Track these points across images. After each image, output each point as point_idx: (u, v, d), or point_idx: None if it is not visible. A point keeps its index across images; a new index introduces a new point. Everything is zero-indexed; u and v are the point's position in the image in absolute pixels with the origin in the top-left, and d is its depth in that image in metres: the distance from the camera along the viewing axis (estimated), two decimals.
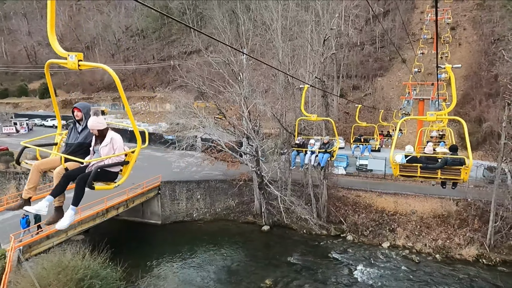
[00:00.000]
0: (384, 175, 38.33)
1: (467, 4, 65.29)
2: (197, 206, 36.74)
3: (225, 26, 33.57)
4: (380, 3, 70.64)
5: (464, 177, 8.57)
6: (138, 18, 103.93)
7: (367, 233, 31.95)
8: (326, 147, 13.16)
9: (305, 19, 38.65)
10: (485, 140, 43.13)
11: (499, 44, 52.22)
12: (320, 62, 31.08)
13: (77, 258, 18.71)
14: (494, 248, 28.00)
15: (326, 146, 13.18)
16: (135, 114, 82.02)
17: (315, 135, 39.53)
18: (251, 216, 36.03)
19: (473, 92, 50.33)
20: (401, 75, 59.13)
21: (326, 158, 12.77)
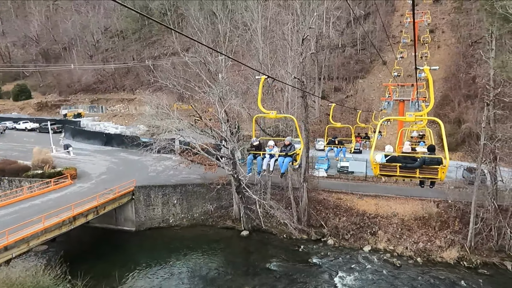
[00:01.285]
0: (365, 176, 37.88)
1: (445, 7, 66.16)
2: (174, 211, 35.33)
3: (201, 24, 32.46)
4: (361, 6, 70.88)
5: (441, 177, 8.71)
6: (118, 18, 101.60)
7: (348, 236, 31.25)
8: (287, 149, 11.25)
9: (286, 19, 37.96)
10: (464, 141, 43.29)
11: (477, 47, 52.84)
12: (299, 62, 30.29)
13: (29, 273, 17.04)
14: (474, 250, 27.69)
15: (287, 149, 11.29)
16: (113, 116, 79.82)
17: (296, 137, 38.89)
18: (230, 221, 34.87)
19: (452, 94, 50.69)
20: (382, 77, 59.24)
21: (287, 163, 10.89)
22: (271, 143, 11.33)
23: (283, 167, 10.91)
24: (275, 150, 11.08)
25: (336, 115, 56.13)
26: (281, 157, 10.83)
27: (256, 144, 11.43)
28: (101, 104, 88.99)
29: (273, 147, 11.18)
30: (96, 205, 29.03)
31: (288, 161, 10.90)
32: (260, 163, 11.12)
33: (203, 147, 29.91)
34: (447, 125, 44.63)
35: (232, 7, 60.79)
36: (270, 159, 11.01)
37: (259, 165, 11.08)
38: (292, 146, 11.30)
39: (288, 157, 10.81)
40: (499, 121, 29.69)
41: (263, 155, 11.05)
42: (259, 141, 11.56)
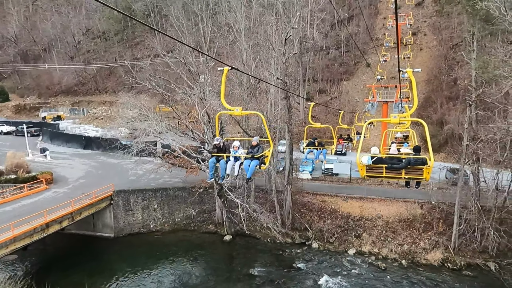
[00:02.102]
0: (350, 178, 37.57)
1: (427, 10, 66.95)
2: (154, 216, 34.24)
3: (181, 24, 31.62)
4: (345, 8, 71.22)
5: (426, 177, 8.79)
6: (100, 19, 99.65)
7: (333, 239, 30.77)
8: (254, 151, 10.10)
9: (269, 20, 37.49)
10: (446, 142, 43.51)
11: (458, 49, 53.50)
12: (282, 63, 29.78)
13: None
14: (459, 252, 27.56)
15: (254, 150, 10.14)
16: (94, 119, 77.83)
17: (281, 139, 38.31)
18: (213, 226, 33.99)
19: (435, 96, 51.12)
20: (366, 78, 59.41)
21: (253, 167, 9.64)
22: (236, 143, 10.17)
23: (249, 171, 9.65)
24: (241, 152, 9.96)
25: (321, 116, 55.94)
26: (247, 160, 9.67)
27: (218, 144, 10.27)
28: (83, 106, 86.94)
29: (238, 148, 10.04)
30: (72, 211, 27.76)
31: (255, 165, 9.67)
32: (224, 166, 9.88)
33: (184, 150, 28.99)
34: (430, 127, 44.21)
35: (215, 8, 60.18)
36: (235, 162, 9.81)
37: (222, 169, 9.89)
38: (260, 147, 10.23)
39: (255, 159, 9.65)
40: (481, 122, 29.81)
41: (227, 157, 9.86)
42: (222, 142, 10.34)
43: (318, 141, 17.65)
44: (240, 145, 10.22)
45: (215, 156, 9.99)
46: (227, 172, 9.87)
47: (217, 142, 10.15)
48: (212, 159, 10.03)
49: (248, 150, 10.30)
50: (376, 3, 71.80)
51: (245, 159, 9.73)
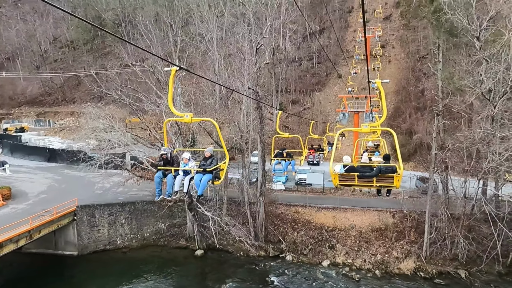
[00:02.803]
0: (323, 188, 37.46)
1: (394, 24, 69.22)
2: (122, 231, 32.59)
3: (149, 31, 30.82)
4: (316, 21, 72.56)
5: (396, 184, 8.96)
6: (68, 28, 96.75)
7: (307, 251, 30.29)
8: (207, 164, 9.02)
9: (241, 29, 37.33)
10: (416, 151, 44.52)
11: (424, 61, 55.35)
12: (254, 72, 29.48)
13: None
14: (430, 260, 27.73)
15: (207, 163, 9.06)
16: (61, 130, 74.63)
17: (254, 149, 37.71)
18: (184, 240, 32.73)
19: (403, 106, 52.46)
20: (337, 89, 60.33)
21: (205, 182, 8.60)
22: (185, 155, 9.09)
23: (200, 187, 8.58)
24: (191, 165, 8.92)
25: (294, 127, 56.15)
26: (199, 174, 8.66)
27: (165, 156, 9.06)
28: (48, 117, 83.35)
29: (188, 160, 8.97)
30: (29, 228, 25.85)
31: (207, 179, 8.61)
32: (171, 182, 8.71)
33: (152, 162, 27.85)
34: (399, 136, 45.53)
35: (187, 18, 59.66)
36: (184, 177, 8.70)
37: (169, 185, 8.72)
38: (213, 160, 9.13)
39: (207, 173, 8.63)
40: (448, 131, 30.52)
41: (175, 171, 8.71)
42: (170, 153, 9.11)
43: (286, 152, 16.94)
44: (190, 157, 9.17)
45: (162, 170, 8.87)
46: (175, 189, 8.73)
47: (164, 153, 9.04)
48: (158, 173, 8.87)
49: (200, 162, 9.20)
50: (346, 16, 73.62)
51: (196, 173, 8.72)
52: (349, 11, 73.82)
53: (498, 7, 24.37)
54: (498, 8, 24.50)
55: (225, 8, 44.86)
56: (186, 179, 8.76)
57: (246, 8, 31.93)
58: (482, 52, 24.77)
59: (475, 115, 29.17)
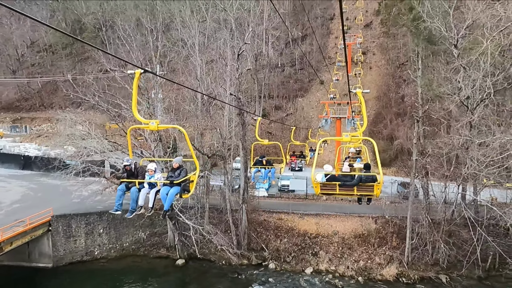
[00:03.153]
0: (306, 195, 37.32)
1: (374, 31, 70.41)
2: (100, 241, 31.53)
3: (129, 36, 30.17)
4: (299, 28, 73.09)
5: (376, 193, 9.18)
6: (46, 32, 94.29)
7: (290, 259, 29.99)
8: (175, 175, 8.28)
9: (222, 35, 37.04)
10: (397, 157, 45.03)
11: (404, 68, 56.36)
12: (236, 78, 29.18)
13: None
14: (412, 266, 27.86)
15: (175, 175, 8.31)
16: (38, 137, 72.35)
17: (236, 156, 37.26)
18: (165, 249, 31.91)
19: (384, 112, 53.14)
20: (320, 95, 60.68)
21: (172, 196, 7.85)
22: (151, 166, 8.35)
23: (166, 201, 7.85)
24: (158, 177, 8.22)
25: (277, 133, 56.10)
26: (166, 187, 7.94)
27: (129, 167, 8.29)
28: (25, 123, 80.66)
29: (154, 172, 8.25)
30: (0, 240, 24.64)
31: (175, 193, 7.93)
32: (135, 196, 7.95)
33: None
34: (380, 142, 46.30)
35: (169, 23, 59.03)
36: (150, 190, 7.99)
37: (132, 199, 7.99)
38: (182, 171, 8.41)
39: (175, 186, 7.93)
40: (428, 137, 30.91)
41: (140, 184, 7.99)
42: (135, 164, 8.37)
43: (266, 159, 16.42)
44: (157, 168, 8.43)
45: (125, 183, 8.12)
46: (140, 203, 8.02)
47: (127, 164, 8.31)
48: (121, 186, 8.14)
49: (168, 174, 8.49)
50: (328, 23, 74.45)
51: (163, 186, 8.01)
52: (331, 18, 74.71)
53: (474, 16, 24.94)
54: (475, 17, 25.09)
55: (207, 14, 44.53)
56: (152, 192, 8.07)
57: (228, 13, 31.68)
58: (460, 60, 25.26)
59: (453, 122, 29.68)
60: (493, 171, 18.70)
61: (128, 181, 8.18)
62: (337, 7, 73.76)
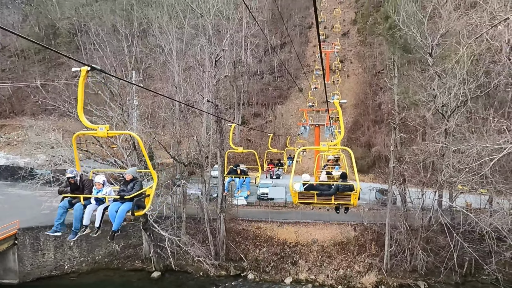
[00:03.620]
0: (285, 203, 36.92)
1: (352, 40, 71.58)
2: (70, 255, 30.03)
3: (103, 40, 29.23)
4: (277, 35, 73.46)
5: (354, 202, 9.26)
6: (18, 37, 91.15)
7: (269, 269, 29.42)
8: (127, 189, 7.22)
9: (199, 41, 36.55)
10: (374, 164, 45.41)
11: (380, 76, 57.34)
12: (213, 85, 28.67)
13: None
14: (391, 273, 27.83)
15: (128, 188, 7.24)
16: (7, 145, 69.29)
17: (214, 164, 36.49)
18: (140, 262, 30.71)
19: (362, 119, 53.74)
20: (299, 103, 60.86)
21: (123, 213, 6.80)
22: (99, 179, 7.14)
23: (116, 220, 6.80)
24: (106, 191, 7.16)
25: (256, 140, 55.73)
26: (116, 203, 6.91)
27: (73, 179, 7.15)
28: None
29: (103, 185, 7.18)
30: None
31: (126, 210, 6.82)
32: (79, 214, 6.80)
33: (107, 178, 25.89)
34: (358, 149, 46.67)
35: (147, 29, 58.03)
36: (97, 207, 6.91)
37: (76, 218, 6.78)
38: (136, 184, 7.31)
39: (127, 201, 6.90)
40: (405, 144, 31.24)
41: (86, 200, 6.87)
42: (80, 175, 7.24)
43: (240, 168, 15.64)
44: (106, 181, 7.30)
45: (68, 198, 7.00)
46: (84, 223, 6.85)
47: (71, 176, 7.19)
48: (63, 202, 7.02)
49: (120, 188, 7.42)
50: (307, 31, 75.20)
51: (113, 202, 6.92)
52: (309, 26, 75.48)
53: (449, 25, 25.48)
54: (449, 25, 25.64)
55: (185, 20, 43.98)
56: (99, 209, 6.95)
57: (205, 19, 31.24)
58: (435, 68, 25.68)
59: (428, 129, 30.13)
60: (470, 178, 18.89)
61: (72, 196, 7.07)
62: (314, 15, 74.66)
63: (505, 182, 21.34)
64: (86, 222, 6.97)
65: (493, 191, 23.21)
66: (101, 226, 7.10)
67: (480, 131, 22.33)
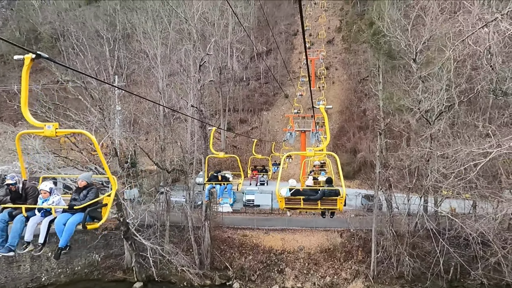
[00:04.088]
0: (271, 209, 36.48)
1: (337, 47, 72.28)
2: (48, 266, 28.80)
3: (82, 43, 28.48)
4: (263, 42, 73.60)
5: (339, 207, 9.28)
6: None
7: (255, 277, 28.82)
8: (79, 198, 6.33)
9: (184, 46, 36.07)
10: (360, 169, 45.45)
11: (365, 83, 57.89)
12: (197, 90, 28.17)
13: None
14: (378, 279, 27.58)
15: (80, 197, 6.36)
16: None
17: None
18: (121, 272, 29.68)
19: (347, 125, 53.99)
20: (284, 109, 60.87)
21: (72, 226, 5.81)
22: (44, 186, 6.20)
23: (63, 235, 5.72)
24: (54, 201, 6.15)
25: (242, 146, 55.27)
26: (65, 215, 5.97)
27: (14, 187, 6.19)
28: None
29: (49, 194, 6.19)
30: None
31: (76, 222, 5.82)
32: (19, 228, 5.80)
33: None
34: (344, 155, 46.72)
35: (130, 33, 57.25)
36: (42, 219, 5.95)
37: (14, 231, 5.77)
38: (90, 191, 6.41)
39: (78, 213, 5.88)
40: (390, 150, 31.28)
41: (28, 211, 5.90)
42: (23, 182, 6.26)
43: (222, 174, 14.94)
44: (54, 188, 6.35)
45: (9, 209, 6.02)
46: (26, 238, 5.91)
47: (11, 183, 6.23)
48: (3, 214, 6.01)
49: (72, 196, 6.51)
50: (292, 38, 75.63)
51: (62, 213, 5.99)
52: (295, 34, 75.96)
53: (435, 29, 25.72)
54: (433, 31, 25.90)
55: (169, 25, 43.50)
56: (44, 222, 5.93)
57: (189, 23, 30.85)
58: (419, 72, 25.85)
59: (412, 134, 30.24)
60: (457, 183, 18.86)
61: (12, 207, 6.06)
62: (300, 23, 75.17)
63: (489, 187, 21.41)
64: (29, 238, 6.03)
65: (477, 196, 23.29)
66: (46, 242, 6.08)
67: (463, 136, 22.47)
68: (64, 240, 5.90)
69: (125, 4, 66.36)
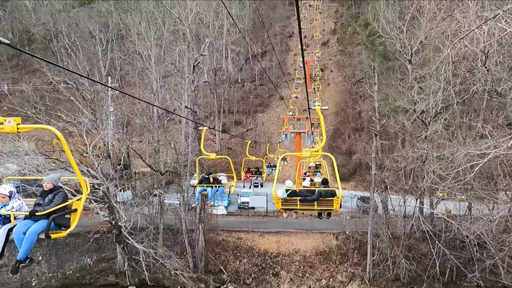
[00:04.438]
0: (266, 212, 36.16)
1: (332, 50, 72.34)
2: (38, 270, 28.26)
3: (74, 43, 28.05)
4: (258, 44, 73.49)
5: (336, 207, 9.33)
6: None
7: (250, 280, 28.46)
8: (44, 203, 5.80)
9: (178, 46, 35.75)
10: (355, 171, 45.33)
11: (360, 85, 57.89)
12: (191, 90, 27.83)
13: None
14: (374, 282, 27.36)
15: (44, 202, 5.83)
16: None
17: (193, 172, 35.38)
18: (113, 276, 29.17)
19: (343, 127, 53.93)
20: (280, 111, 60.70)
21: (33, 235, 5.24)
22: (3, 189, 5.75)
23: (23, 245, 5.16)
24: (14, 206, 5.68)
25: (237, 148, 54.97)
26: (26, 222, 5.40)
27: None
28: None
29: (9, 198, 5.75)
30: None
31: (38, 231, 5.26)
32: None
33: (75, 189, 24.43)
34: (339, 157, 46.57)
35: (124, 34, 56.80)
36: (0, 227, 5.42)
37: None
38: (57, 195, 5.88)
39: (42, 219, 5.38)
40: (385, 151, 31.13)
41: None
42: None
43: (213, 176, 14.50)
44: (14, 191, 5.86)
45: None
46: None
47: None
48: None
49: (36, 201, 5.97)
50: (287, 40, 75.63)
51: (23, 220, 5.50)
52: (290, 35, 75.99)
53: (427, 33, 25.67)
54: (427, 33, 25.83)
55: (163, 26, 43.16)
56: (2, 230, 5.39)
57: (183, 23, 30.54)
58: (415, 73, 25.74)
59: (408, 135, 30.12)
60: (454, 185, 18.67)
61: None
62: (295, 25, 75.17)
63: (485, 188, 21.27)
64: None
65: (473, 198, 23.13)
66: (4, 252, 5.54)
67: (459, 138, 22.34)
68: (24, 251, 5.35)
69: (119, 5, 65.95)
